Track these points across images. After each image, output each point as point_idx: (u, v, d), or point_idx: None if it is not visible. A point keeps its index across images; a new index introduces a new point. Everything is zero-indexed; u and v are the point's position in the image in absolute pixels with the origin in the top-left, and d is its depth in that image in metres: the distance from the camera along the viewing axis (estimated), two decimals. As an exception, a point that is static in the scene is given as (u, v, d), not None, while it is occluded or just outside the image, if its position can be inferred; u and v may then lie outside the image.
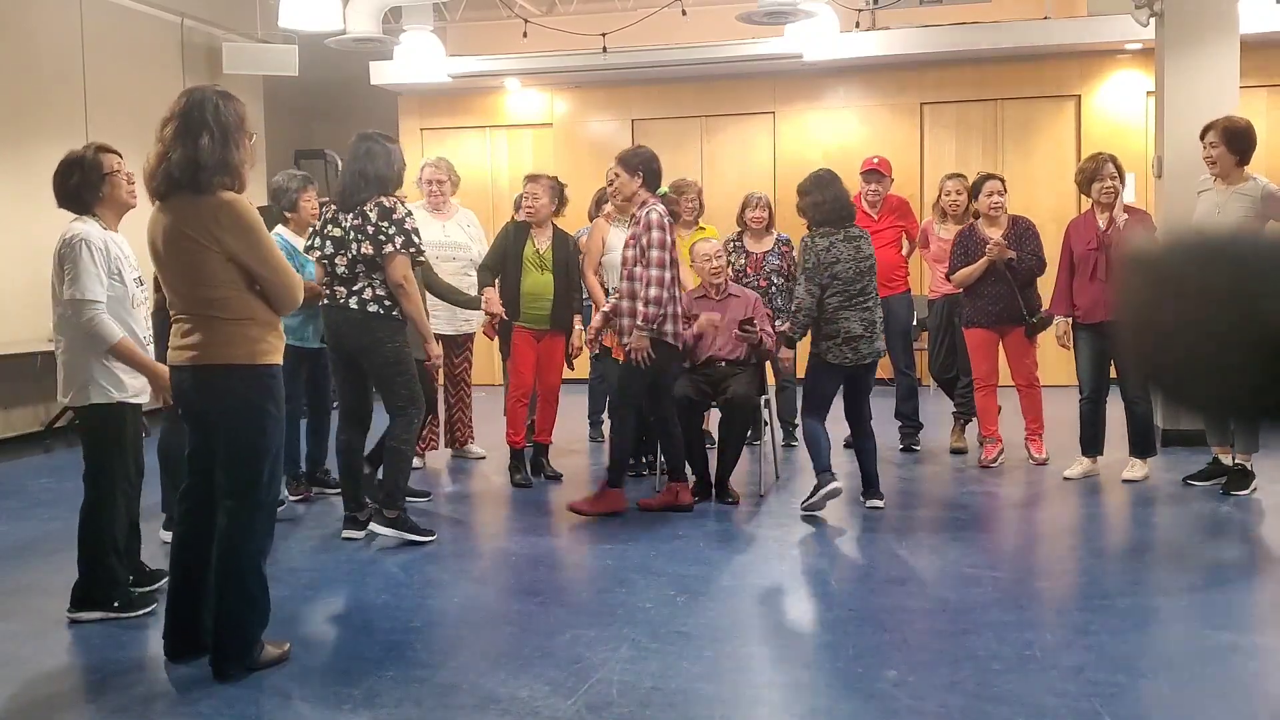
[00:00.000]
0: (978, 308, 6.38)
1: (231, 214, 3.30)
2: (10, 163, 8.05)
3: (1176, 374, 0.97)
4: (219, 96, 3.38)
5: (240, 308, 3.34)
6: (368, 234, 4.85)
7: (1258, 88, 9.29)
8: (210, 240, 3.29)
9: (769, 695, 3.28)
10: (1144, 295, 1.00)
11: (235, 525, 3.39)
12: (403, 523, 4.97)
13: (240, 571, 3.40)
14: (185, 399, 3.46)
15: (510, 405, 6.28)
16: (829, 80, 10.59)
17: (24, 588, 4.56)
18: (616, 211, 6.13)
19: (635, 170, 5.40)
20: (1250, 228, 4.30)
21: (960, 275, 6.38)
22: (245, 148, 3.41)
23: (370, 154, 4.94)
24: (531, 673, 3.41)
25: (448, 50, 10.42)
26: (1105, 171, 5.95)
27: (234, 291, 3.33)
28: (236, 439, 3.39)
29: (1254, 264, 0.93)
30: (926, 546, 4.92)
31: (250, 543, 3.42)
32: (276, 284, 3.38)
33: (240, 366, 3.35)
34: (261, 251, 3.34)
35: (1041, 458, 6.47)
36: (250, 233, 3.32)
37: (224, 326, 3.34)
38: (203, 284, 3.33)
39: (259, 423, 3.38)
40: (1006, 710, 3.08)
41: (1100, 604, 4.03)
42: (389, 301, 4.89)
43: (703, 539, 5.10)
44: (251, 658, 3.43)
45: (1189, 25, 6.80)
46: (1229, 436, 5.63)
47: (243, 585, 3.41)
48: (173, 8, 9.71)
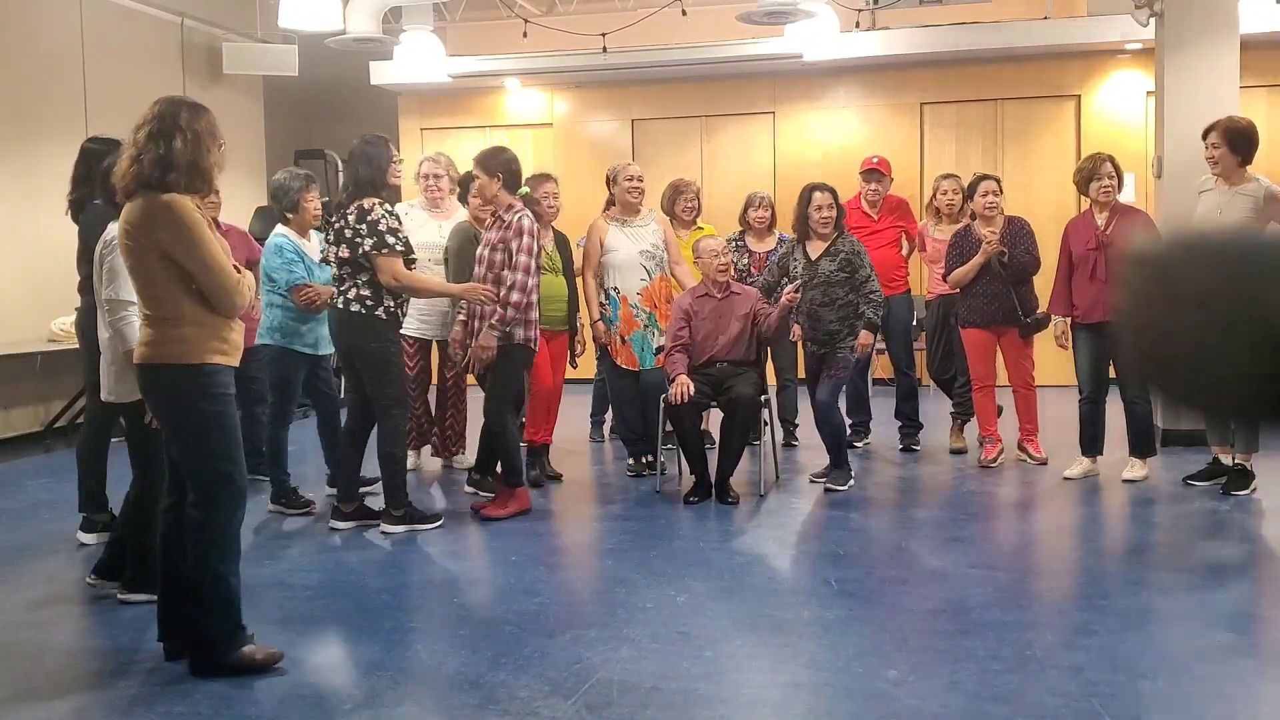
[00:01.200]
0: (973, 307, 6.38)
1: (170, 213, 3.32)
2: (10, 163, 8.05)
3: (1176, 374, 0.98)
4: (191, 106, 3.45)
5: (175, 308, 3.37)
6: (345, 237, 5.01)
7: (1258, 88, 9.29)
8: (150, 240, 3.34)
9: (769, 695, 3.28)
10: (1144, 295, 1.00)
11: (189, 523, 3.45)
12: (409, 517, 5.19)
13: (196, 570, 3.42)
14: (143, 396, 3.61)
15: (532, 405, 6.27)
16: (829, 80, 10.59)
17: (23, 587, 4.56)
18: (477, 211, 6.04)
19: (494, 173, 5.42)
20: (1251, 228, 4.30)
21: (956, 274, 6.39)
22: (216, 154, 3.46)
23: (356, 157, 5.12)
24: (531, 673, 3.41)
25: (448, 50, 10.42)
26: (1103, 171, 5.95)
27: (171, 292, 3.36)
28: (175, 438, 3.48)
29: (1254, 264, 0.93)
30: (926, 546, 4.92)
31: (198, 544, 3.42)
32: (212, 285, 3.37)
33: (170, 366, 3.39)
34: (197, 251, 3.34)
35: (1041, 457, 6.47)
36: (186, 232, 3.33)
37: (161, 326, 3.39)
38: (146, 283, 3.40)
39: (192, 422, 3.41)
40: (1006, 710, 3.08)
41: (1100, 604, 4.04)
42: (371, 302, 5.01)
43: (703, 539, 5.10)
44: (221, 657, 3.43)
45: (1189, 25, 6.80)
46: (1229, 436, 5.63)
47: (197, 586, 3.43)
48: (173, 8, 9.72)
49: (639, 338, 6.27)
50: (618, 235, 6.36)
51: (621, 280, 6.29)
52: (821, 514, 5.51)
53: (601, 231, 6.39)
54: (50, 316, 7.93)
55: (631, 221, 6.40)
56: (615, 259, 6.31)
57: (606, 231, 6.37)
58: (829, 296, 5.90)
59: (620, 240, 6.34)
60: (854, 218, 7.10)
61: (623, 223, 6.40)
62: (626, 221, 6.40)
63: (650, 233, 6.40)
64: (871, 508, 5.69)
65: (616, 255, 6.30)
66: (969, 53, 9.92)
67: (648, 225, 6.42)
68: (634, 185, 6.40)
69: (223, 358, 3.46)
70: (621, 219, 6.41)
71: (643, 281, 6.29)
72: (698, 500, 5.67)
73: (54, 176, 8.36)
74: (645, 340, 6.26)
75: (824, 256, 5.97)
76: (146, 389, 3.52)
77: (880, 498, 5.96)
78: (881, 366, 8.61)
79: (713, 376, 5.86)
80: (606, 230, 6.37)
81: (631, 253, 6.30)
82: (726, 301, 5.94)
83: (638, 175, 6.45)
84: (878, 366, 7.36)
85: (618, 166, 6.55)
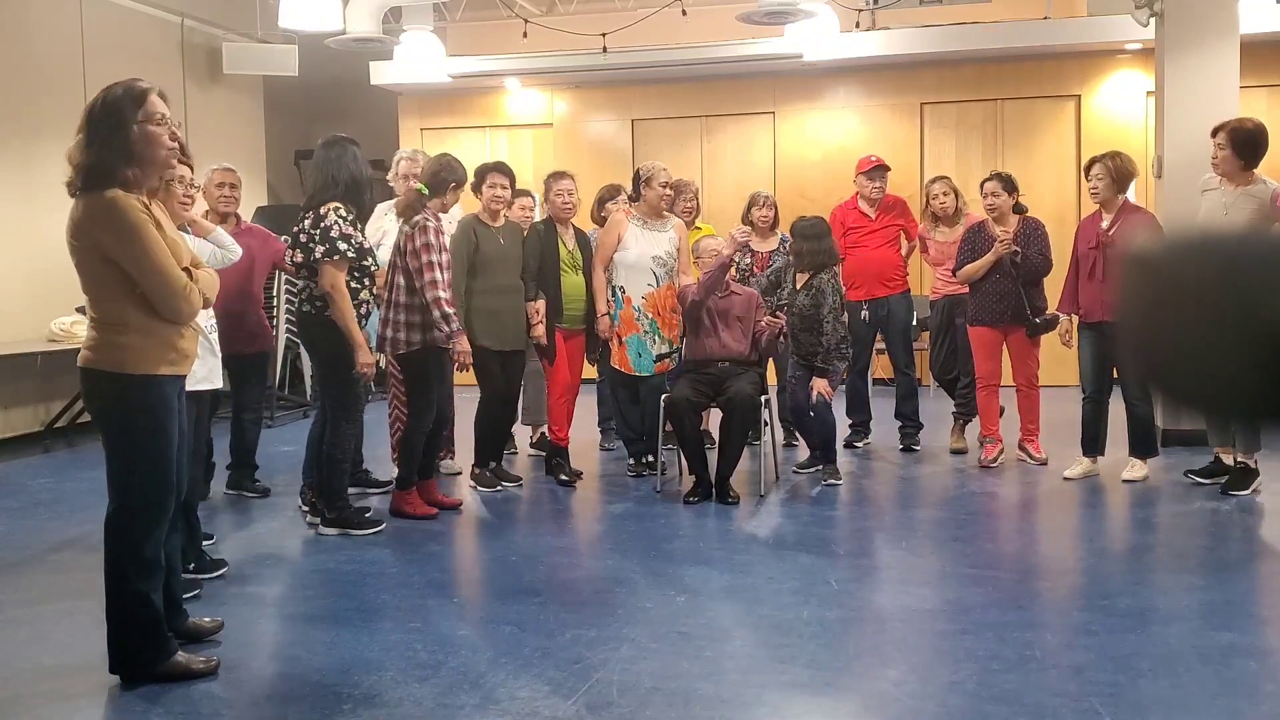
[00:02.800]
0: (982, 305, 6.36)
1: (108, 213, 3.15)
2: (10, 162, 8.05)
3: (1176, 374, 0.97)
4: (104, 93, 3.21)
5: (115, 313, 3.22)
6: (300, 242, 5.07)
7: (1258, 88, 9.28)
8: (90, 242, 3.19)
9: (769, 695, 3.28)
10: (1143, 294, 1.00)
11: (107, 532, 3.34)
12: (344, 520, 5.19)
13: (112, 580, 3.33)
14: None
15: (553, 404, 6.25)
16: (829, 80, 10.59)
17: (23, 587, 4.56)
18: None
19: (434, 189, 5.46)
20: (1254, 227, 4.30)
21: (966, 270, 6.36)
22: (154, 133, 3.22)
23: (315, 161, 5.17)
24: (531, 673, 3.41)
25: (448, 50, 10.41)
26: (1092, 173, 5.98)
27: (112, 295, 3.21)
28: (106, 445, 3.34)
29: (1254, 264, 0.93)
30: (926, 546, 4.92)
31: (119, 556, 3.32)
32: (155, 290, 3.20)
33: (107, 373, 3.25)
34: (135, 253, 3.16)
35: (1041, 458, 6.47)
36: (124, 234, 3.15)
37: (101, 331, 3.25)
38: (89, 285, 3.26)
39: (124, 431, 3.29)
40: (1006, 710, 3.08)
41: (1100, 604, 4.03)
42: (320, 303, 5.05)
43: (703, 539, 5.10)
44: (150, 668, 3.38)
45: (1189, 25, 6.80)
46: (1230, 437, 5.63)
47: (116, 596, 3.33)
48: (173, 8, 9.71)
49: (635, 341, 6.22)
50: (635, 235, 6.30)
51: (628, 280, 6.25)
52: (821, 514, 5.51)
53: (621, 227, 6.32)
54: (50, 316, 7.93)
55: (652, 224, 6.34)
56: (627, 258, 6.27)
57: (626, 229, 6.32)
58: (807, 324, 6.02)
59: (637, 240, 6.28)
60: (851, 217, 7.12)
61: (643, 223, 6.35)
62: (647, 223, 6.35)
63: (667, 239, 6.32)
64: (872, 508, 5.69)
65: (629, 255, 6.27)
66: (969, 53, 9.92)
67: (666, 231, 6.34)
68: (668, 194, 6.39)
69: (169, 368, 3.31)
70: (642, 219, 6.37)
71: (649, 286, 6.23)
72: (698, 500, 5.67)
73: (54, 176, 8.32)
74: (644, 346, 6.22)
75: (803, 290, 6.07)
76: (87, 395, 3.37)
77: (880, 498, 5.96)
78: (881, 367, 8.60)
79: (713, 376, 5.86)
80: (626, 227, 6.32)
81: (644, 255, 6.25)
82: (726, 301, 5.94)
83: (672, 184, 6.43)
84: (877, 366, 7.35)
85: (653, 169, 6.38)
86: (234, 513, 5.77)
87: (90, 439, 7.96)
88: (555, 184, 6.24)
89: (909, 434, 7.06)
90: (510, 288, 5.96)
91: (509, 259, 5.98)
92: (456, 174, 5.53)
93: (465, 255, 5.83)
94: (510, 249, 6.00)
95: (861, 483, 6.18)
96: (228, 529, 5.39)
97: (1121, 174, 5.87)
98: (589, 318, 6.26)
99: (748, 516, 5.48)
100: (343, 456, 5.17)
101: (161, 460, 3.31)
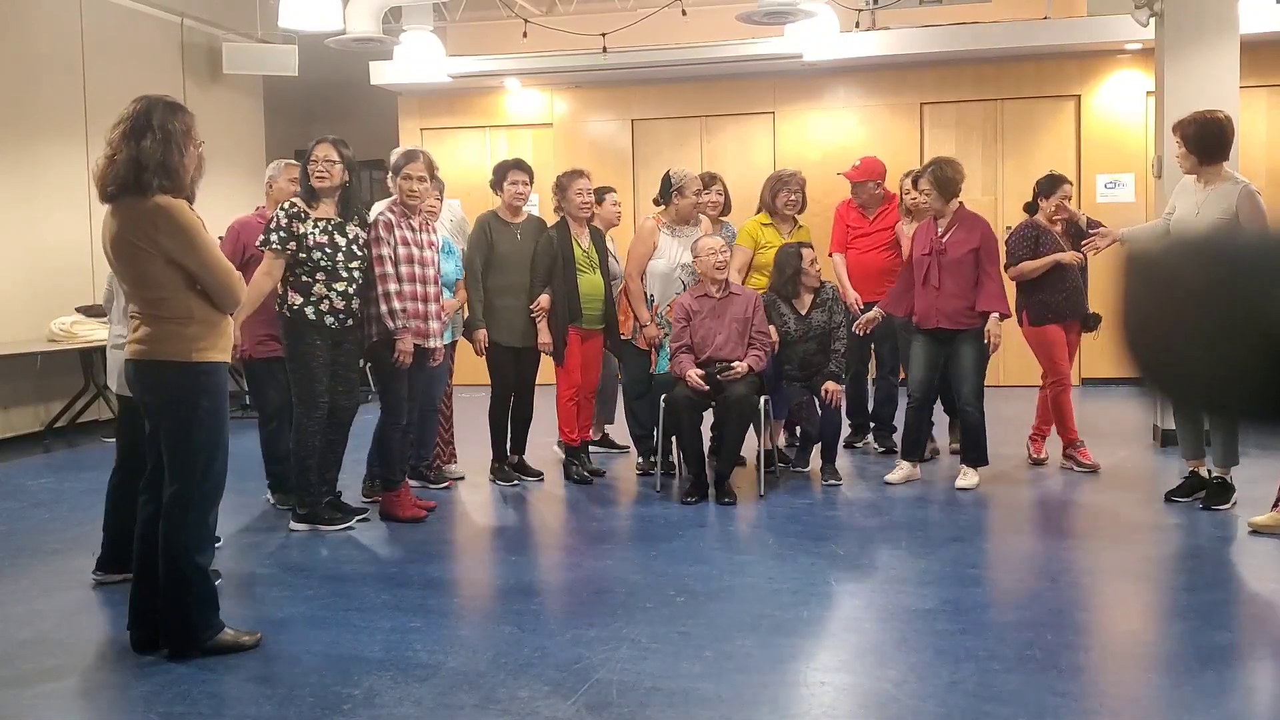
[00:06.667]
0: (1050, 303, 6.20)
1: (167, 217, 3.40)
2: (10, 163, 8.05)
3: (1174, 374, 0.97)
4: (166, 105, 3.50)
5: (180, 307, 3.48)
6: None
7: (1258, 88, 9.29)
8: (149, 244, 3.42)
9: (769, 695, 3.28)
10: (1142, 295, 1.00)
11: (168, 512, 3.53)
12: (314, 517, 5.24)
13: (172, 557, 3.52)
14: (133, 390, 3.70)
15: (563, 405, 6.21)
16: (829, 80, 10.59)
17: (23, 587, 4.56)
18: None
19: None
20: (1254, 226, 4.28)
21: (1025, 267, 6.18)
22: (190, 154, 3.52)
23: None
24: (531, 673, 3.41)
25: (448, 50, 10.41)
26: (919, 185, 6.06)
27: (174, 292, 3.47)
28: (170, 432, 3.55)
29: (1254, 265, 0.93)
30: (926, 546, 4.92)
31: (181, 532, 3.52)
32: (214, 284, 3.51)
33: (174, 363, 3.49)
34: (198, 253, 3.46)
35: (1040, 457, 6.46)
36: (185, 234, 3.43)
37: (164, 325, 3.49)
38: (146, 286, 3.50)
39: (191, 417, 3.51)
40: (1006, 710, 3.08)
41: (1100, 604, 4.03)
42: (280, 301, 5.11)
43: (702, 539, 5.10)
44: (200, 641, 3.55)
45: (1189, 25, 6.80)
46: (1201, 449, 5.47)
47: (177, 570, 3.52)
48: (173, 8, 9.72)
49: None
50: (667, 243, 6.28)
51: (658, 289, 6.24)
52: (821, 514, 5.51)
53: (654, 235, 6.29)
54: (50, 316, 7.94)
55: (681, 231, 6.30)
56: (657, 266, 6.24)
57: (659, 236, 6.28)
58: (822, 344, 6.04)
59: (668, 249, 6.27)
60: (852, 216, 7.00)
61: (674, 231, 6.32)
62: (677, 231, 6.32)
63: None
64: (871, 508, 5.69)
65: (659, 264, 6.24)
66: (969, 53, 9.92)
67: (695, 236, 6.25)
68: (699, 202, 6.37)
69: (222, 355, 3.60)
70: (673, 227, 6.33)
71: (677, 294, 6.18)
72: (697, 500, 5.68)
73: (54, 176, 8.40)
74: (664, 349, 6.23)
75: (815, 308, 6.07)
76: (148, 386, 3.56)
77: (880, 498, 5.96)
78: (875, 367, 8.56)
79: (712, 377, 5.85)
80: (659, 235, 6.29)
81: (673, 264, 6.25)
82: (725, 301, 5.94)
83: (703, 191, 6.40)
84: (872, 368, 7.30)
85: (685, 178, 6.30)
86: (235, 513, 5.76)
87: (90, 439, 7.97)
88: (574, 183, 6.18)
89: (882, 435, 7.01)
90: (526, 285, 6.03)
91: (527, 255, 6.04)
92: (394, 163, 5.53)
93: (481, 252, 5.94)
94: (528, 245, 6.07)
95: (861, 483, 6.18)
96: (228, 530, 5.38)
97: (945, 182, 5.88)
98: (607, 316, 6.26)
99: (747, 516, 5.48)
100: (303, 454, 5.12)
101: (223, 440, 3.58)
